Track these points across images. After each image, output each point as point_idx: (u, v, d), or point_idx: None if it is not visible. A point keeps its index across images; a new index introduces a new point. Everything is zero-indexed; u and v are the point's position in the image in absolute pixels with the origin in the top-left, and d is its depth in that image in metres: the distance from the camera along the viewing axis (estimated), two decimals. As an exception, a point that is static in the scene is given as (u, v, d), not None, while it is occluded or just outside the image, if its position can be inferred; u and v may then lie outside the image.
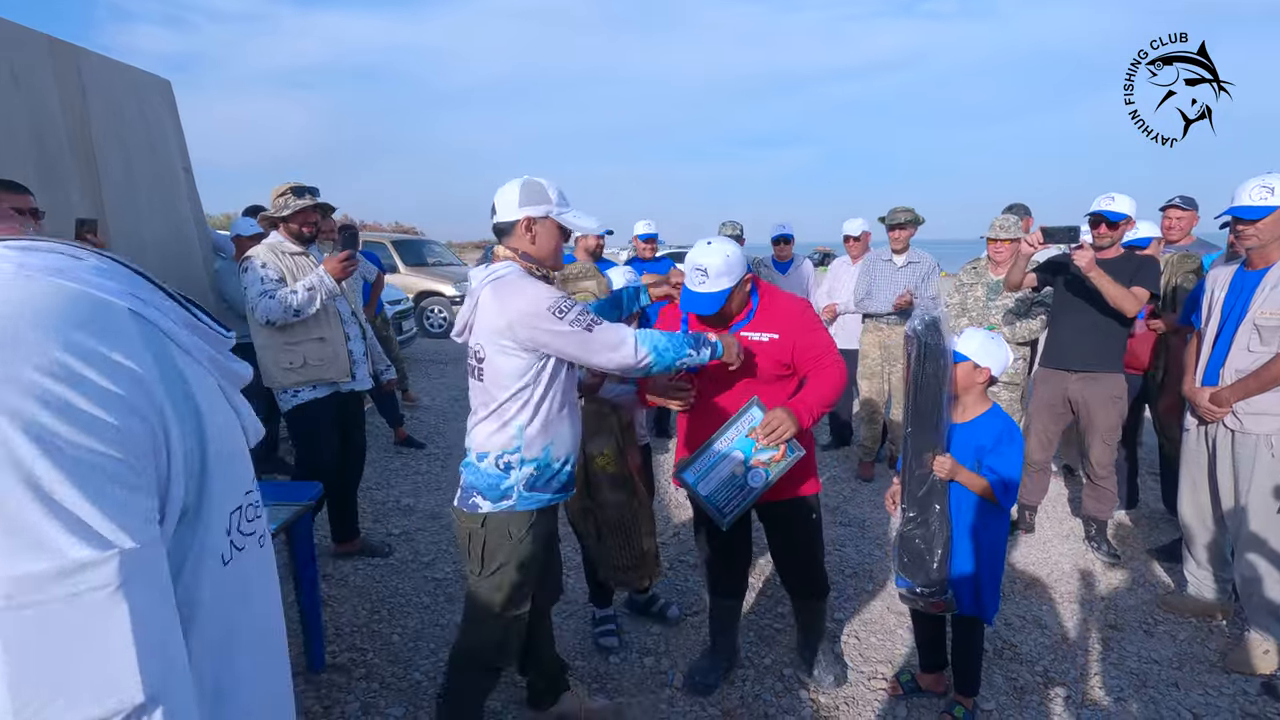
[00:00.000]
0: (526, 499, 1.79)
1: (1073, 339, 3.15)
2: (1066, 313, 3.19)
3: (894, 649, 2.58)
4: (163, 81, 4.36)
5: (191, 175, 4.56)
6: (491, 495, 1.78)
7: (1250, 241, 2.37)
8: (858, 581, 3.08)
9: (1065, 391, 3.22)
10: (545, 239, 1.82)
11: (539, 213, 1.80)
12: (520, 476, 1.77)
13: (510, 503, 1.77)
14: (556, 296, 1.72)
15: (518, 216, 1.79)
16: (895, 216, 4.14)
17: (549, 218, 1.81)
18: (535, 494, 1.80)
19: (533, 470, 1.78)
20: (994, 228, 3.79)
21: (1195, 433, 2.63)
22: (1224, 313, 2.49)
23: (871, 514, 3.85)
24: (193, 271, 4.32)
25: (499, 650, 1.87)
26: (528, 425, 1.76)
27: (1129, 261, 3.06)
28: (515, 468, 1.77)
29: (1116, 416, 3.16)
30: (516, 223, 1.80)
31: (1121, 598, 2.93)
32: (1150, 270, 3.02)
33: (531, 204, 1.80)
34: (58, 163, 3.41)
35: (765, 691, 2.33)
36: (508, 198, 1.81)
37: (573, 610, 2.84)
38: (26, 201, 2.58)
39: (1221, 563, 2.69)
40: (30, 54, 3.38)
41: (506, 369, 1.74)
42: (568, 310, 1.70)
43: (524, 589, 1.84)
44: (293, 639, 2.57)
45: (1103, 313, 3.02)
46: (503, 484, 1.77)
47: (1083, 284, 3.07)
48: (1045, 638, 2.63)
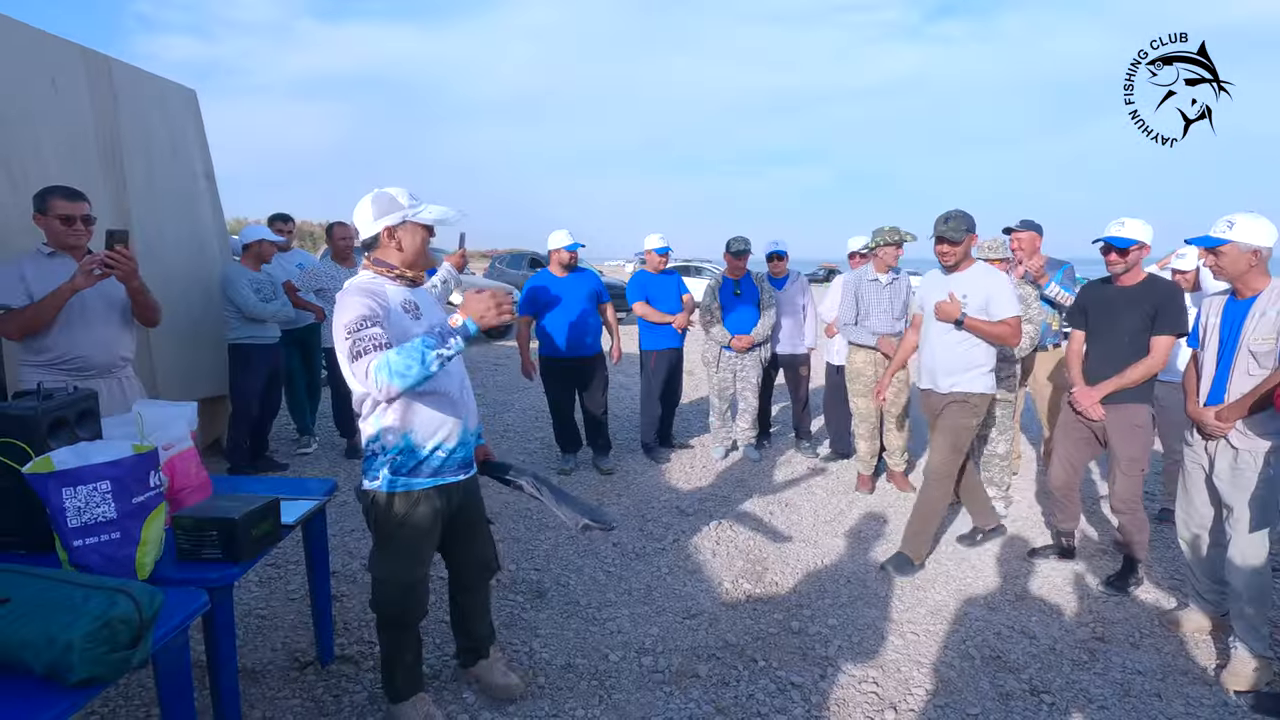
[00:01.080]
0: (393, 481, 1.97)
1: (1098, 365, 3.13)
2: (1095, 338, 3.18)
3: (884, 654, 2.66)
4: (188, 91, 4.50)
5: (214, 182, 4.69)
6: (369, 477, 2.00)
7: (1219, 275, 2.53)
8: (851, 589, 3.16)
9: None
10: (409, 242, 1.97)
11: (395, 220, 1.95)
12: (384, 462, 1.96)
13: (379, 484, 1.97)
14: (359, 316, 1.79)
15: (378, 229, 1.95)
16: (879, 238, 4.21)
17: (406, 222, 1.96)
18: (405, 478, 1.97)
19: (396, 456, 1.96)
20: (982, 248, 3.89)
21: (1195, 450, 2.70)
22: (1221, 339, 2.59)
23: (867, 525, 3.93)
24: (212, 277, 4.45)
25: (400, 610, 2.07)
26: (381, 416, 1.93)
27: (1152, 291, 2.99)
28: (379, 454, 1.96)
29: (1139, 448, 3.06)
30: (379, 235, 1.96)
31: (1110, 611, 2.99)
32: (1170, 308, 2.93)
33: (386, 214, 1.94)
34: (88, 170, 3.55)
35: (759, 692, 2.41)
36: (364, 214, 1.96)
37: (574, 610, 2.93)
38: (80, 209, 2.68)
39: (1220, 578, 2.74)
40: (66, 64, 3.52)
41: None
42: (356, 332, 1.77)
43: (413, 558, 2.04)
44: (304, 631, 2.67)
45: (1131, 342, 3.00)
46: (371, 468, 1.99)
47: (1112, 311, 3.08)
48: (1033, 647, 2.70)
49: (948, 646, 2.71)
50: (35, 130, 3.28)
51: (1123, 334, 3.04)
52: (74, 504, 1.56)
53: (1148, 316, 2.97)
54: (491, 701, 2.32)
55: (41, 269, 2.63)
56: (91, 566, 1.58)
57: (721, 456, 5.09)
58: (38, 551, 1.73)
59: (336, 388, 4.94)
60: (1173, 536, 2.93)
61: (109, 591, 1.28)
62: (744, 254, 4.84)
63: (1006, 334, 3.21)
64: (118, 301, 2.80)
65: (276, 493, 2.10)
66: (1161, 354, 2.97)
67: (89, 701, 1.27)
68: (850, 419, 4.60)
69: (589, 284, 4.60)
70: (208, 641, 1.85)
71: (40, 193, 2.66)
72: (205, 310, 4.38)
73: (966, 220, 3.20)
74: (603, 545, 3.56)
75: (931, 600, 3.08)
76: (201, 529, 1.78)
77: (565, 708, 2.31)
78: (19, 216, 2.88)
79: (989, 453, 4.02)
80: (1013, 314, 3.20)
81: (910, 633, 2.81)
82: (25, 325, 2.58)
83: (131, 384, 2.88)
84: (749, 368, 4.91)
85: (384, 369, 1.73)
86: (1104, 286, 3.20)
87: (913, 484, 4.46)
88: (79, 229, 2.67)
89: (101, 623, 1.22)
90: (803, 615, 2.92)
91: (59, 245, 2.68)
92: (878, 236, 4.21)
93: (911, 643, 2.74)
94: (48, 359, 2.65)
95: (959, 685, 2.47)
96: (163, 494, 1.75)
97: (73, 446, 1.67)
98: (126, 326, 2.87)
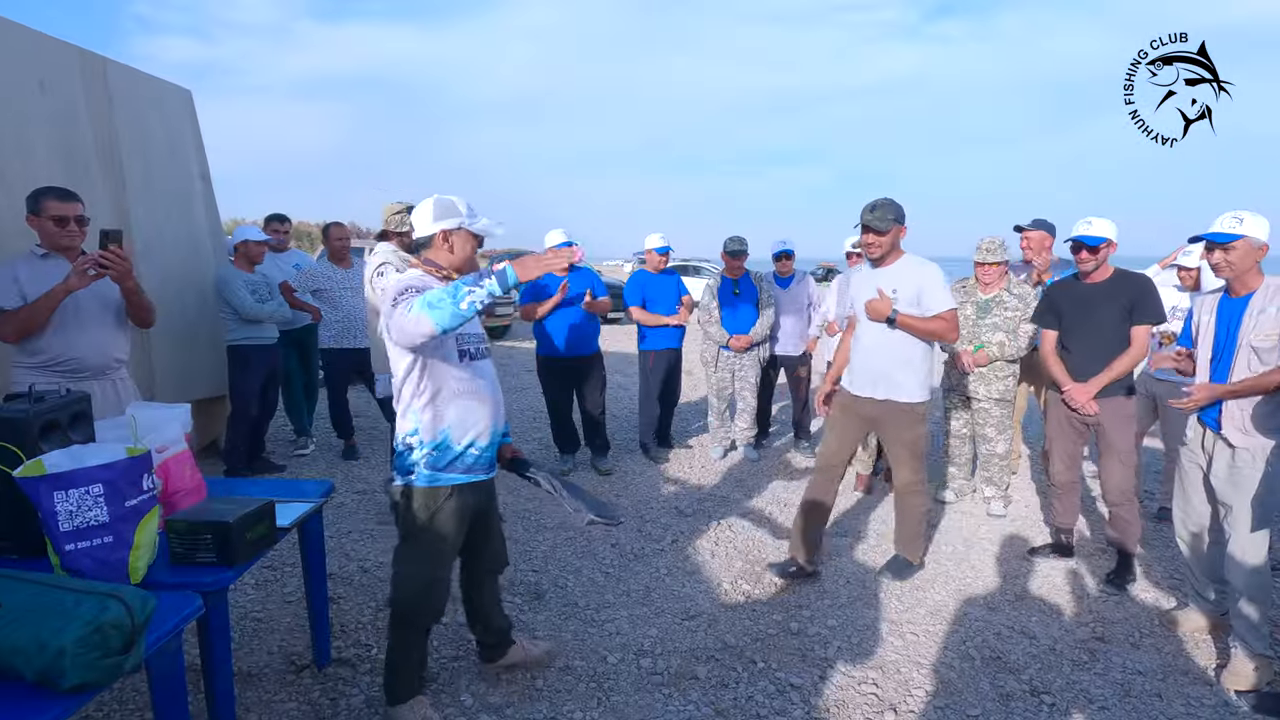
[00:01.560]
0: (428, 476, 2.01)
1: (1083, 361, 3.17)
2: (1075, 336, 3.21)
3: (884, 655, 2.65)
4: (184, 91, 4.49)
5: (209, 183, 4.68)
6: (401, 471, 2.04)
7: (1225, 273, 2.50)
8: (850, 589, 3.15)
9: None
10: (460, 248, 2.09)
11: (452, 224, 2.06)
12: (421, 456, 2.00)
13: (413, 478, 2.02)
14: (407, 286, 1.88)
15: (434, 231, 2.06)
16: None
17: (462, 229, 2.07)
18: (439, 473, 2.02)
19: (432, 451, 2.00)
20: (980, 251, 3.87)
21: (1192, 449, 2.69)
22: (1217, 338, 2.59)
23: (867, 525, 3.92)
24: (207, 277, 4.43)
25: (420, 607, 2.09)
26: (421, 411, 1.99)
27: (1125, 284, 3.09)
28: (415, 448, 2.01)
29: (1132, 437, 3.17)
30: (434, 236, 2.07)
31: (1110, 611, 2.98)
32: (1146, 299, 3.04)
33: (445, 218, 2.06)
34: (85, 171, 3.53)
35: (758, 693, 2.40)
36: (424, 215, 2.07)
37: (572, 612, 2.92)
38: (73, 209, 2.66)
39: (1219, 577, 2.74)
40: (60, 65, 3.50)
41: (398, 361, 1.99)
42: (401, 295, 1.86)
43: (439, 555, 2.08)
44: (301, 634, 2.65)
45: (1112, 335, 3.07)
46: (406, 461, 2.02)
47: (1088, 308, 3.13)
48: (1033, 647, 2.69)
49: (947, 647, 2.70)
50: (30, 132, 3.27)
51: (1104, 329, 3.11)
52: (66, 508, 1.54)
53: (1125, 309, 3.07)
54: (488, 704, 2.31)
55: (35, 270, 2.62)
56: (84, 571, 1.57)
57: (720, 457, 5.08)
58: (29, 556, 1.72)
59: (334, 389, 4.93)
60: (1172, 535, 2.92)
61: (100, 596, 1.27)
62: (739, 254, 4.82)
63: (942, 329, 2.97)
64: (112, 303, 2.79)
65: (272, 495, 2.08)
66: (1142, 343, 3.08)
67: (81, 707, 1.25)
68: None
69: (587, 283, 4.58)
70: (202, 645, 1.83)
71: (33, 194, 2.64)
72: (201, 311, 4.36)
73: (894, 209, 2.95)
74: (601, 546, 3.55)
75: (931, 600, 3.07)
76: (195, 532, 1.76)
77: (563, 710, 2.29)
78: (13, 219, 2.86)
79: (988, 452, 4.02)
80: (947, 307, 2.97)
81: (910, 633, 2.80)
82: (19, 327, 2.57)
83: (126, 386, 2.86)
84: (747, 368, 4.90)
85: (419, 304, 1.78)
86: (1075, 285, 3.26)
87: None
88: (72, 230, 2.66)
89: (93, 628, 1.21)
90: (802, 616, 2.91)
91: (53, 246, 2.66)
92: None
93: (911, 643, 2.73)
94: (41, 361, 2.63)
95: (959, 686, 2.46)
96: (156, 497, 1.73)
97: (65, 449, 1.65)
98: (121, 328, 2.85)
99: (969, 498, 4.25)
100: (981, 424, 4.00)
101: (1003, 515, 3.99)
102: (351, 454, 4.98)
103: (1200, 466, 2.65)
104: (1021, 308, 3.81)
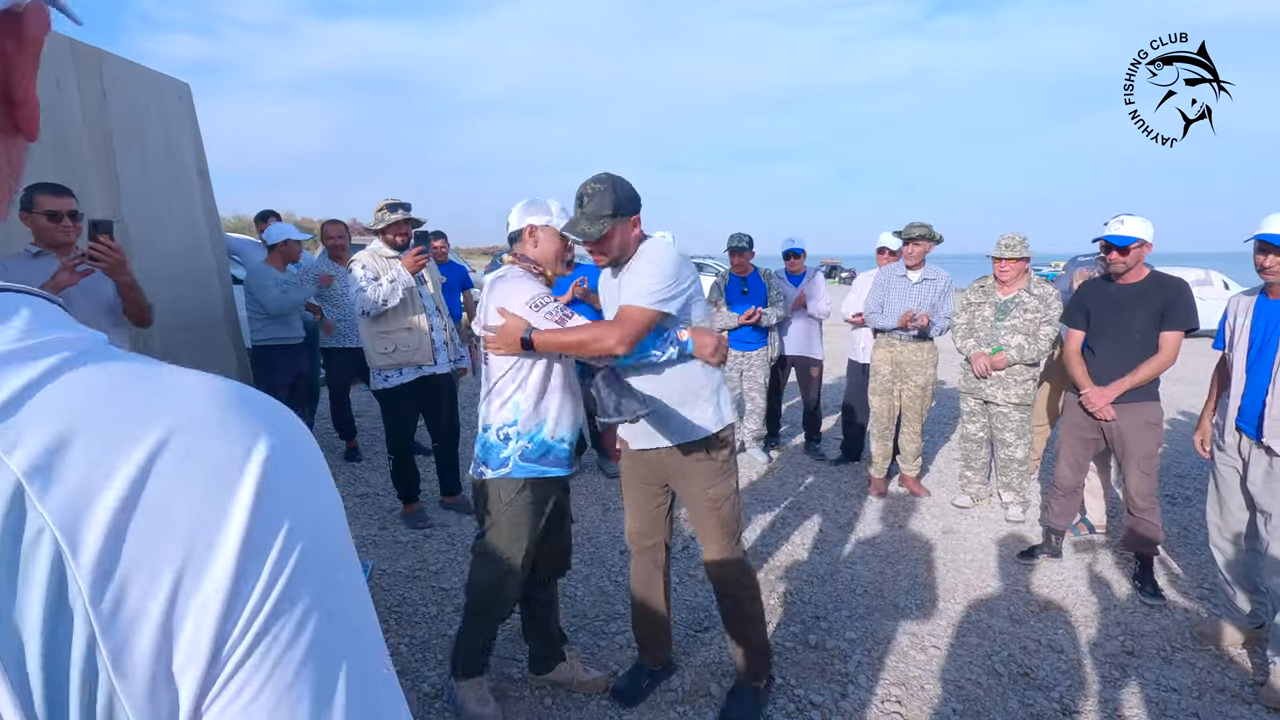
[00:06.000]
0: (521, 468, 2.07)
1: (1107, 364, 3.07)
2: (1102, 338, 3.11)
3: (907, 670, 2.54)
4: (181, 84, 4.38)
5: (207, 178, 4.58)
6: (493, 464, 2.08)
7: (1272, 276, 2.42)
8: (868, 599, 3.04)
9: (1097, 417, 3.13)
10: (545, 244, 2.15)
11: (540, 221, 2.14)
12: (517, 448, 2.07)
13: (506, 470, 2.07)
14: (537, 292, 2.02)
15: (522, 225, 2.15)
16: (911, 231, 4.11)
17: (549, 226, 2.14)
18: (529, 465, 2.08)
19: (527, 443, 2.07)
20: (999, 246, 3.75)
21: (1228, 454, 2.60)
22: (1254, 340, 2.49)
23: (883, 531, 3.81)
24: (204, 272, 4.33)
25: (494, 597, 2.13)
26: (523, 403, 2.06)
27: (1159, 287, 2.96)
28: (513, 439, 2.07)
29: (1154, 444, 3.06)
30: (522, 230, 2.15)
31: (1139, 622, 2.88)
32: (1179, 304, 2.90)
33: (534, 215, 2.15)
34: (78, 165, 3.43)
35: (776, 712, 2.30)
36: (517, 211, 2.19)
37: (581, 623, 2.82)
38: (66, 204, 2.57)
39: (1255, 587, 2.64)
40: (54, 58, 3.40)
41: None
42: (543, 304, 1.99)
43: (516, 546, 2.10)
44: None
45: (1141, 339, 2.96)
46: (501, 453, 2.07)
47: (1118, 310, 3.02)
48: (1061, 663, 2.59)
49: (973, 662, 2.60)
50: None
51: (1132, 332, 3.00)
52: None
53: (1156, 313, 2.94)
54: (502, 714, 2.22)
55: (27, 270, 2.52)
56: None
57: (729, 459, 4.97)
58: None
59: (335, 389, 4.84)
60: (1201, 543, 2.82)
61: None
62: (743, 250, 4.72)
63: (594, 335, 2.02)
64: (106, 301, 2.69)
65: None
66: (1172, 350, 2.96)
67: None
68: (868, 420, 4.50)
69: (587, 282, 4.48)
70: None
71: (25, 190, 2.54)
72: (201, 311, 4.26)
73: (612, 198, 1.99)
74: (609, 553, 3.45)
75: (951, 611, 2.97)
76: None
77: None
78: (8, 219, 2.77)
79: (1007, 457, 3.91)
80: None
81: (932, 646, 2.70)
82: (9, 329, 2.47)
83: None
84: (756, 367, 4.80)
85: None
86: (1105, 285, 3.14)
87: (926, 489, 4.37)
88: (66, 225, 2.56)
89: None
90: (820, 628, 2.80)
91: (46, 243, 2.57)
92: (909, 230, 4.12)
93: (934, 657, 2.63)
94: (33, 362, 2.53)
95: (987, 704, 2.35)
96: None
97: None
98: (116, 327, 2.75)
99: (985, 503, 4.15)
100: (1000, 428, 3.89)
101: (1021, 520, 3.89)
102: (354, 456, 4.88)
103: (1237, 471, 2.57)
104: (1042, 309, 3.69)
